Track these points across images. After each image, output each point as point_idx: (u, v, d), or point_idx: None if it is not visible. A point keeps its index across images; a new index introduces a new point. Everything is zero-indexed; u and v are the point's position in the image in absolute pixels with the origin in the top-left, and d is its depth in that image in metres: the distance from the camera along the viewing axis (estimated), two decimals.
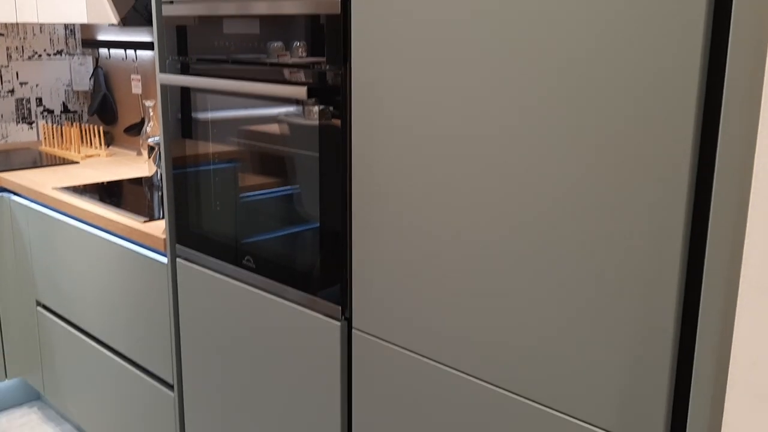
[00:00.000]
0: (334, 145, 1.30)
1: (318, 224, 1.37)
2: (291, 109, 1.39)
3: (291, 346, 1.47)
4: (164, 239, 1.78)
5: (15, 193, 2.47)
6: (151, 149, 2.36)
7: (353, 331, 1.33)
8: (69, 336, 2.29)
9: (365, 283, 1.29)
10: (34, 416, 2.64)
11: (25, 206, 2.38)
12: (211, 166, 1.66)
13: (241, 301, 1.58)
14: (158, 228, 1.86)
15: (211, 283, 1.66)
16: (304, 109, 1.36)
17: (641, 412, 0.95)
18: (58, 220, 2.21)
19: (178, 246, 1.75)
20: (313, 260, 1.39)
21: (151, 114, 2.70)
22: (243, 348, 1.60)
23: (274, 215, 1.49)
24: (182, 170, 1.72)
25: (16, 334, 2.59)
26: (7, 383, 2.66)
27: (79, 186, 2.33)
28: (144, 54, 2.85)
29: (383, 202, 1.23)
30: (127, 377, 2.04)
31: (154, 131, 2.71)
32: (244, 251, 1.56)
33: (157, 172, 2.35)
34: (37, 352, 2.51)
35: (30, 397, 2.74)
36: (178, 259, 1.76)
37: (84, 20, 2.46)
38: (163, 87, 1.71)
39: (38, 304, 2.45)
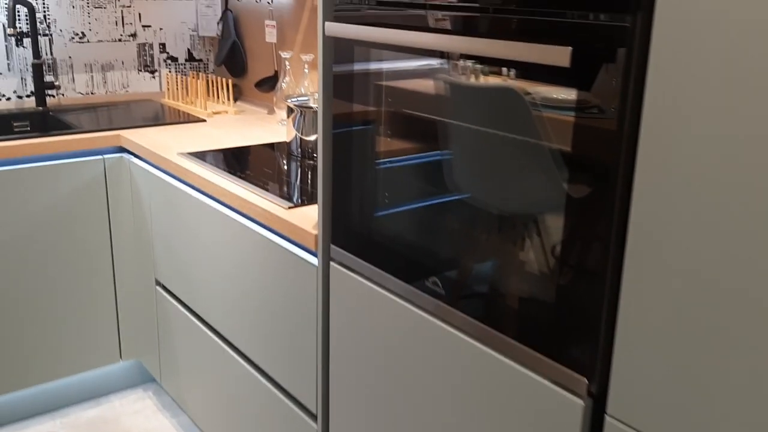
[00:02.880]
0: (606, 137, 0.85)
1: (560, 246, 0.93)
2: (527, 75, 0.95)
3: (494, 412, 1.06)
4: (315, 236, 1.40)
5: (136, 155, 2.16)
6: (290, 111, 1.98)
7: (606, 417, 0.90)
8: (190, 325, 1.98)
9: (637, 348, 0.85)
10: (149, 402, 2.38)
11: (147, 171, 2.06)
12: (383, 148, 1.24)
13: (419, 334, 1.18)
14: (306, 218, 1.47)
15: (376, 302, 1.26)
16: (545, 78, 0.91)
17: None
18: (184, 192, 1.87)
19: (333, 247, 1.36)
20: (546, 299, 0.96)
21: (288, 67, 2.32)
22: (415, 392, 1.21)
23: (481, 226, 1.06)
24: (342, 148, 1.32)
25: (133, 314, 2.32)
26: (121, 364, 2.41)
27: (207, 152, 1.98)
28: None
29: (686, 231, 0.78)
30: (256, 388, 1.70)
31: (290, 89, 2.32)
32: (429, 269, 1.15)
33: (296, 137, 1.97)
34: (155, 334, 2.23)
35: (145, 379, 2.48)
36: (332, 264, 1.37)
37: None
38: (328, 39, 1.30)
39: (157, 283, 2.15)
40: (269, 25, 2.47)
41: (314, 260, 1.41)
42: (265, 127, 2.34)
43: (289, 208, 1.53)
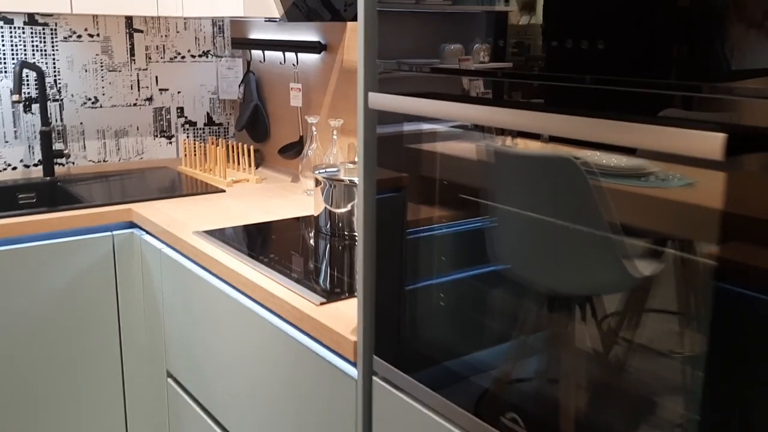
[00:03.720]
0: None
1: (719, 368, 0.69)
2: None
3: None
4: (354, 342, 1.17)
5: (148, 232, 1.96)
6: (318, 182, 1.77)
7: None
8: (204, 427, 1.74)
9: None
10: None
11: (159, 250, 1.85)
12: (436, 231, 1.02)
13: None
14: (343, 318, 1.25)
15: None
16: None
17: None
18: (200, 277, 1.66)
19: (376, 359, 1.13)
20: None
21: (315, 133, 2.13)
22: None
23: (572, 339, 0.83)
24: (388, 230, 1.10)
25: (142, 407, 2.08)
26: None
27: (226, 230, 1.77)
28: (307, 58, 2.28)
29: None
30: None
31: (317, 156, 2.12)
32: (505, 398, 0.91)
33: (325, 211, 1.76)
34: (166, 431, 1.98)
35: None
36: (375, 379, 1.13)
37: (240, 13, 1.91)
38: (370, 111, 1.10)
39: (169, 375, 1.92)
40: (294, 88, 2.29)
41: (353, 372, 1.18)
42: (289, 197, 2.14)
43: (321, 304, 1.31)
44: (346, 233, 1.75)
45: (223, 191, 2.20)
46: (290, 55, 2.36)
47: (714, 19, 0.63)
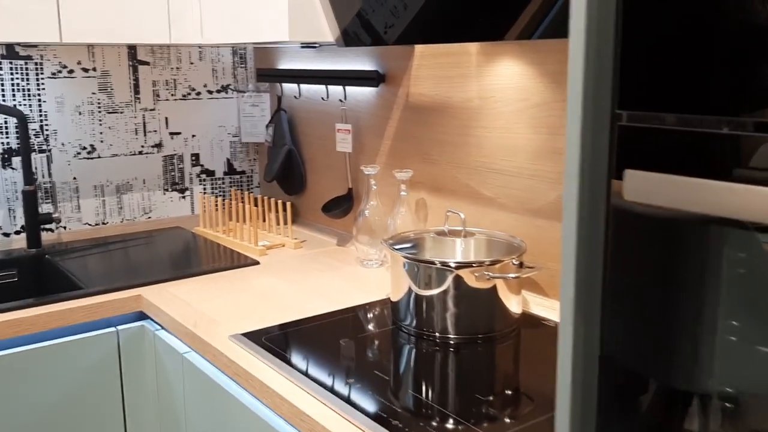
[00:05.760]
0: None
1: None
2: None
3: None
4: None
5: (165, 328, 1.48)
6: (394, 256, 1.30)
7: None
8: None
9: None
10: None
11: (182, 356, 1.38)
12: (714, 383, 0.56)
13: None
14: None
15: None
16: None
17: None
18: (244, 405, 1.18)
19: None
20: None
21: (374, 187, 1.66)
22: None
23: None
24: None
25: None
26: None
27: (272, 331, 1.30)
28: (357, 92, 1.83)
29: None
30: None
31: (377, 215, 1.65)
32: None
33: (410, 295, 1.29)
34: None
35: None
36: None
37: (284, 37, 1.45)
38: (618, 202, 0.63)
39: None
40: (342, 129, 1.83)
41: None
42: (341, 270, 1.66)
43: None
44: (437, 334, 1.27)
45: (257, 263, 1.72)
46: (334, 90, 1.90)
47: None
